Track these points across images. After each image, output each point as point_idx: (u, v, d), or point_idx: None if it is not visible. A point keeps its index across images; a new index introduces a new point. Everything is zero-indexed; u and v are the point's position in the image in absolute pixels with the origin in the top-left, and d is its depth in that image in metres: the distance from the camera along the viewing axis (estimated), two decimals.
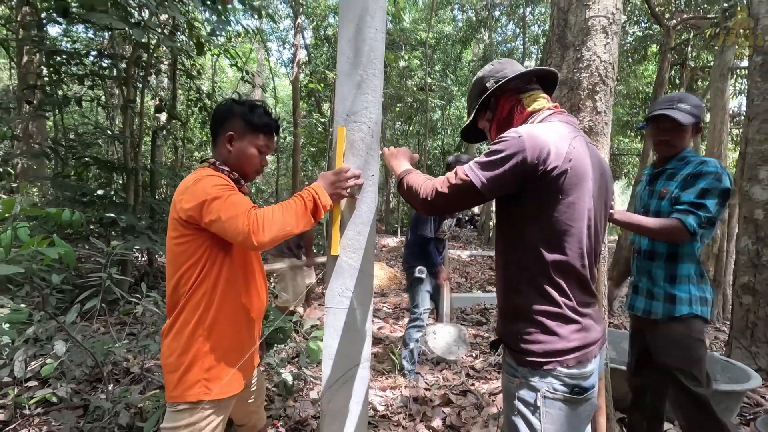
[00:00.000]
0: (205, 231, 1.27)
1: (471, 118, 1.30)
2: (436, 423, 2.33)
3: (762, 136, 3.02)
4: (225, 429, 2.01)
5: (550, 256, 1.06)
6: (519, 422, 1.09)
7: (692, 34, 7.90)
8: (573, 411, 1.08)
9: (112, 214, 4.21)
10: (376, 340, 3.77)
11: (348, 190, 1.35)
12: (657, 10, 7.37)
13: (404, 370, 3.01)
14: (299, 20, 7.75)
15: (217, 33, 3.86)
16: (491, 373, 3.11)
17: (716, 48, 6.09)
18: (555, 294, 1.07)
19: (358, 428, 1.48)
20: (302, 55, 10.36)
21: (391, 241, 10.74)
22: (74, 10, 3.82)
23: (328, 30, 12.86)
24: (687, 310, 1.73)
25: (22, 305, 2.42)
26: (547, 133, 1.05)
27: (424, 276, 3.03)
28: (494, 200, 1.18)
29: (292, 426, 2.24)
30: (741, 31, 2.88)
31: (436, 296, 3.42)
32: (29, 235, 1.57)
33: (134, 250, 5.12)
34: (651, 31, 9.75)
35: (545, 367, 1.07)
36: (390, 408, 2.49)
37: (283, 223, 1.24)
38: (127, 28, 2.67)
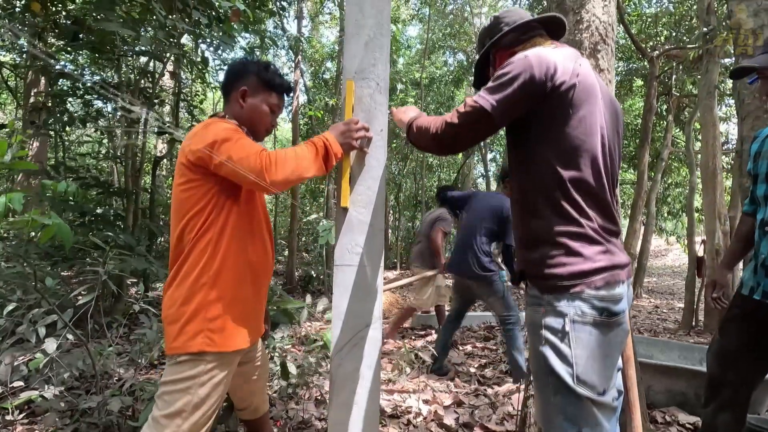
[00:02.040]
0: (213, 176, 1.24)
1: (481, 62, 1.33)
2: (449, 421, 2.18)
3: (756, 132, 3.07)
4: (225, 415, 1.87)
5: (565, 173, 1.03)
6: (547, 352, 1.02)
7: (675, 63, 8.27)
8: (604, 336, 1.01)
9: (110, 233, 4.15)
10: (383, 354, 3.61)
11: (357, 142, 1.34)
12: (640, 44, 7.77)
13: (437, 368, 3.15)
14: (299, 57, 8.07)
15: (222, 50, 4.00)
16: (503, 380, 2.96)
17: (699, 76, 6.38)
18: (575, 213, 1.04)
19: (371, 395, 1.37)
20: (302, 98, 10.70)
21: (390, 274, 10.70)
22: (82, 36, 3.96)
23: (325, 75, 13.38)
24: None
25: (14, 304, 2.33)
26: (553, 52, 1.06)
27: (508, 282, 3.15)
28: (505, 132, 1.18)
29: (294, 426, 2.09)
30: (739, 29, 2.98)
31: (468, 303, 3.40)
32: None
33: (130, 282, 5.03)
34: (635, 65, 10.23)
35: (572, 291, 1.01)
36: (399, 409, 2.33)
37: (296, 165, 1.22)
38: (133, 36, 2.77)
